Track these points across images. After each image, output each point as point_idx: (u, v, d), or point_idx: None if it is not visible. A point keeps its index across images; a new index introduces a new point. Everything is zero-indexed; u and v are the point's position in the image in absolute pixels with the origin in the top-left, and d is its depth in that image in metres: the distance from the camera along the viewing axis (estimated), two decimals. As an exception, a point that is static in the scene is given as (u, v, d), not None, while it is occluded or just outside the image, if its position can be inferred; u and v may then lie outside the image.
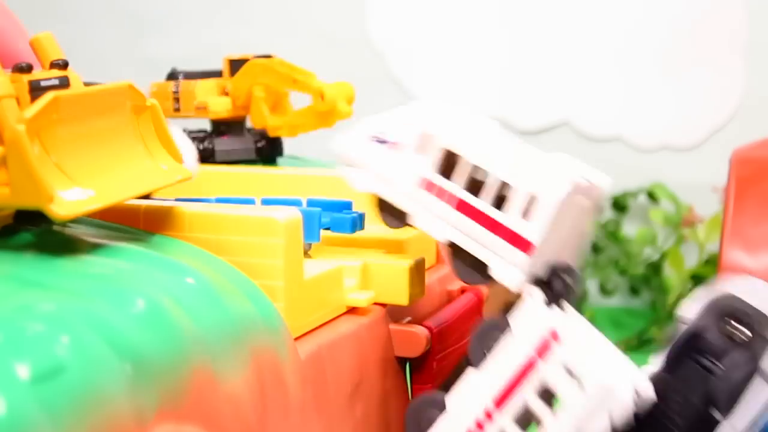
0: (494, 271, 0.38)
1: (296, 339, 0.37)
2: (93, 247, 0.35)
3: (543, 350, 0.36)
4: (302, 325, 0.38)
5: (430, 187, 0.39)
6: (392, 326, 0.43)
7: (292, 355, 0.36)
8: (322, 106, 0.57)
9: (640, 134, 1.03)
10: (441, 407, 0.38)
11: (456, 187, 0.39)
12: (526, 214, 0.37)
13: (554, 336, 0.35)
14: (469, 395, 0.37)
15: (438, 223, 0.40)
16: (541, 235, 0.37)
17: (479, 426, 0.36)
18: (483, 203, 0.38)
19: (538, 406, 0.35)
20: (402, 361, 0.44)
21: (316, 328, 0.39)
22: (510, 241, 0.38)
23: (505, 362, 0.37)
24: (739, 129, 1.00)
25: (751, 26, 1.00)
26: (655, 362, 0.39)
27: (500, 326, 0.38)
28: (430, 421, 0.38)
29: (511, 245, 0.37)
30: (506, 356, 0.37)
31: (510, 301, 0.38)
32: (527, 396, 0.36)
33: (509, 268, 0.38)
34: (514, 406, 0.36)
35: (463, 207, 0.39)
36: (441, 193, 0.39)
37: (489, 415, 0.36)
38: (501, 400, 0.36)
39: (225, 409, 0.32)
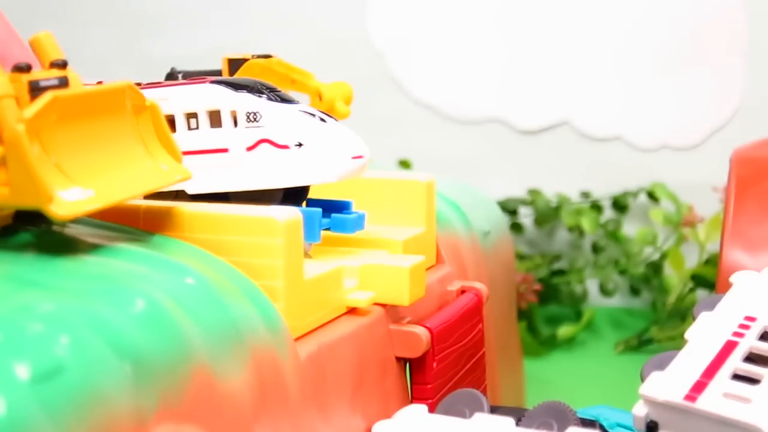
0: None
1: (296, 339, 0.37)
2: (93, 247, 0.35)
3: None
4: (302, 326, 0.38)
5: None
6: (392, 326, 0.43)
7: (292, 356, 0.36)
8: (320, 106, 0.57)
9: (640, 134, 1.03)
10: None
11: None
12: None
13: None
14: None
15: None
16: None
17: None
18: None
19: None
20: (402, 361, 0.44)
21: (316, 329, 0.39)
22: None
23: None
24: (739, 129, 1.00)
25: (751, 27, 1.00)
26: None
27: None
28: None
29: None
30: None
31: None
32: None
33: None
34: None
35: None
36: None
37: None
38: None
39: (225, 409, 0.32)
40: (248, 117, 0.42)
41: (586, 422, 0.39)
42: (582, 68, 1.03)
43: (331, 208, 0.44)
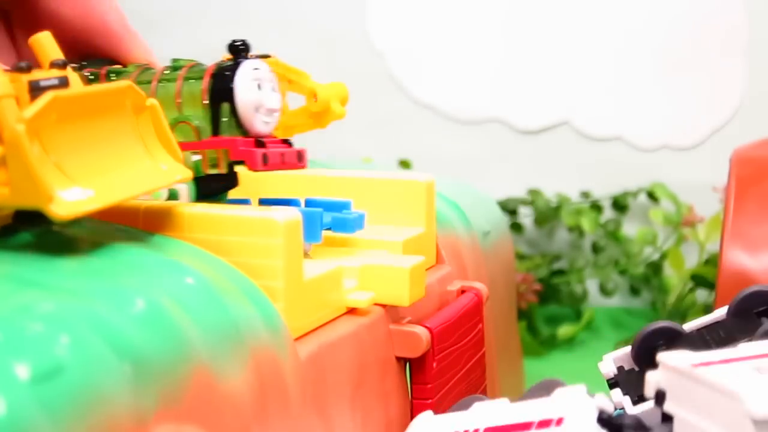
0: None
1: (296, 339, 0.37)
2: (93, 247, 0.35)
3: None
4: (302, 326, 0.38)
5: None
6: (392, 326, 0.43)
7: (292, 356, 0.36)
8: (316, 107, 0.57)
9: (640, 134, 1.03)
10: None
11: None
12: None
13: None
14: None
15: None
16: None
17: None
18: None
19: None
20: (402, 361, 0.44)
21: (316, 329, 0.39)
22: None
23: None
24: (739, 129, 1.00)
25: (751, 26, 1.00)
26: None
27: None
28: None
29: None
30: None
31: None
32: None
33: None
34: None
35: None
36: None
37: None
38: None
39: (224, 409, 0.32)
40: None
41: None
42: (582, 68, 1.03)
43: (331, 208, 0.44)
